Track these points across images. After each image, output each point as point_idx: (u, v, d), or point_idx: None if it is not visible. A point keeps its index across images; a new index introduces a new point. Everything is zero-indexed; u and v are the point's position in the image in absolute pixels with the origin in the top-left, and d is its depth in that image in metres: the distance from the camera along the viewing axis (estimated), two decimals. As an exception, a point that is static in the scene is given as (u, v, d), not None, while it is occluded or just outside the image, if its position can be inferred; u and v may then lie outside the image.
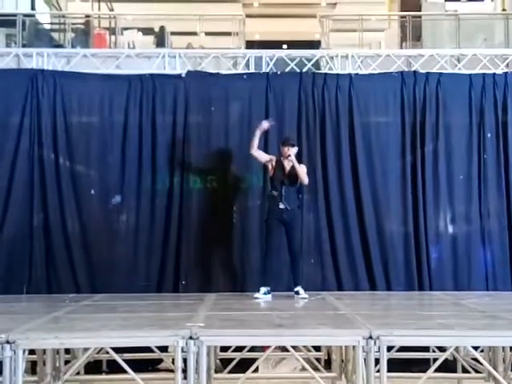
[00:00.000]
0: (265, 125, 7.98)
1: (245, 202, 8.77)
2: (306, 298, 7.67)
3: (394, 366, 6.17)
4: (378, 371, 5.24)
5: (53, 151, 8.69)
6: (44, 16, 14.51)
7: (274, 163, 7.92)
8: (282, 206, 7.77)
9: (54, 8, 16.23)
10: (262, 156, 8.01)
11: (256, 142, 7.87)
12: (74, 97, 8.81)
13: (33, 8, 14.65)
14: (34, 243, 8.53)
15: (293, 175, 7.83)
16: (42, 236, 8.56)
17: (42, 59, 9.15)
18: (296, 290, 7.79)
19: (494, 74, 9.03)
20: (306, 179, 7.90)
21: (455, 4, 17.51)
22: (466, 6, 17.68)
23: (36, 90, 8.71)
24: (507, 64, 9.46)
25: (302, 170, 7.86)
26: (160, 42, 13.58)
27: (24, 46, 10.83)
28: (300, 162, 8.22)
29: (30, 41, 11.77)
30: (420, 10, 16.24)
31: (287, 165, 7.87)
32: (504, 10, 16.91)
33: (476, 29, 14.23)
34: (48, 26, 14.29)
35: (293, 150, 7.85)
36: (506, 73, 9.08)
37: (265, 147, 8.68)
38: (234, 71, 9.39)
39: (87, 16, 14.10)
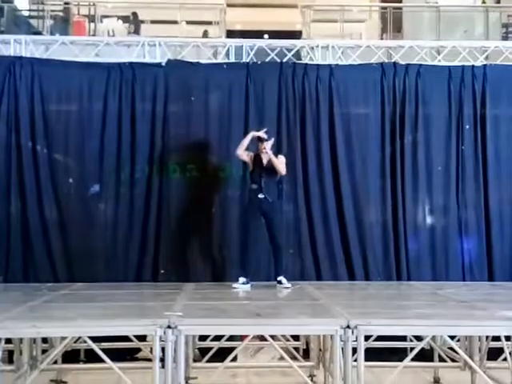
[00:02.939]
0: (260, 133, 7.90)
1: (224, 192, 8.75)
2: (288, 288, 7.68)
3: (372, 355, 6.24)
4: (356, 360, 5.28)
5: (30, 139, 8.59)
6: (22, 2, 14.36)
7: (252, 159, 7.94)
8: (261, 195, 7.78)
9: (32, -6, 16.03)
10: (245, 157, 8.00)
11: (246, 143, 7.87)
12: (53, 85, 8.71)
13: (11, -6, 14.47)
14: (11, 232, 8.44)
15: (270, 168, 7.84)
16: (19, 225, 8.47)
17: (20, 46, 9.02)
18: (279, 279, 7.80)
19: (473, 66, 9.07)
20: (283, 170, 7.91)
21: (436, -4, 17.58)
22: (446, -3, 17.76)
23: (14, 77, 8.59)
24: (486, 56, 9.51)
25: (278, 162, 7.85)
26: (136, 28, 13.52)
27: (2, 32, 10.74)
28: (280, 152, 8.23)
29: (8, 27, 11.67)
30: (401, 1, 16.32)
31: (264, 158, 7.87)
32: (484, 2, 17.03)
33: (456, 21, 14.32)
34: (26, 13, 14.14)
35: (267, 144, 7.84)
36: (484, 65, 9.12)
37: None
38: (214, 61, 9.35)
39: (66, 3, 13.98)
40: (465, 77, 8.96)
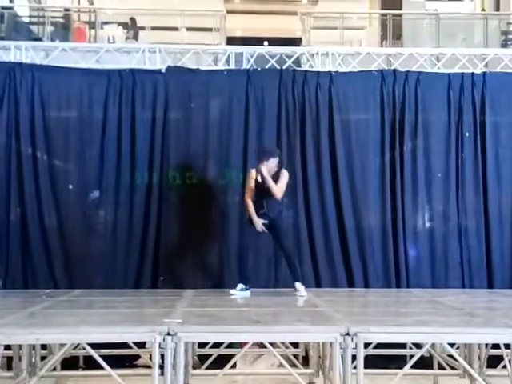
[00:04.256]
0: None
1: (224, 198, 8.76)
2: (304, 296, 7.55)
3: (371, 362, 6.22)
4: (355, 368, 5.27)
5: (30, 145, 8.60)
6: (23, 9, 14.39)
7: (254, 176, 7.76)
8: (261, 211, 7.70)
9: (33, 1, 16.08)
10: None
11: (252, 187, 7.72)
12: (53, 91, 8.72)
13: (11, 0, 14.51)
14: (11, 238, 8.44)
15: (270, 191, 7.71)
16: (18, 231, 8.47)
17: (20, 52, 9.04)
18: (296, 286, 7.68)
19: (473, 73, 9.08)
20: (278, 194, 7.69)
21: (435, 3, 17.67)
22: (445, 5, 17.83)
23: (14, 83, 8.61)
24: (486, 64, 9.54)
25: (273, 186, 7.63)
26: (134, 34, 13.56)
27: (2, 38, 10.76)
28: (280, 160, 8.16)
29: (8, 33, 11.69)
30: (401, 9, 16.36)
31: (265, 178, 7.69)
32: (483, 9, 17.10)
33: (456, 28, 14.37)
34: (27, 19, 14.17)
35: (263, 169, 7.62)
36: (484, 72, 9.13)
37: (244, 146, 8.71)
38: (214, 67, 9.36)
39: (67, 9, 14.03)
40: (464, 84, 8.98)
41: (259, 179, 7.69)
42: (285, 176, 7.84)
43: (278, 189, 7.71)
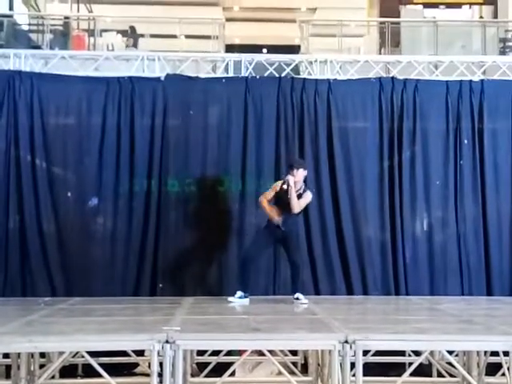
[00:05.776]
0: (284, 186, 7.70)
1: (223, 206, 8.76)
2: (305, 304, 7.58)
3: (370, 370, 6.22)
4: (354, 375, 5.27)
5: (29, 153, 8.62)
6: (22, 17, 14.42)
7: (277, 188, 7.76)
8: (276, 222, 7.71)
9: (32, 9, 16.13)
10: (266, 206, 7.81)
11: (271, 196, 7.76)
12: (52, 99, 8.74)
13: (11, 8, 14.55)
14: (10, 246, 8.45)
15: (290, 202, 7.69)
16: (17, 238, 8.47)
17: (20, 60, 9.07)
18: (296, 296, 7.69)
19: (471, 80, 9.11)
20: (296, 209, 7.70)
21: (434, 11, 17.71)
22: (444, 12, 17.88)
23: (13, 91, 8.63)
24: (484, 71, 9.56)
25: (295, 200, 7.64)
26: (134, 42, 13.60)
27: (1, 46, 10.76)
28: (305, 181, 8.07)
29: (8, 42, 11.71)
30: (399, 17, 16.38)
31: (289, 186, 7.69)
32: (481, 17, 17.15)
33: (454, 36, 14.39)
34: (26, 27, 14.19)
35: (290, 180, 7.63)
36: (482, 80, 9.16)
37: (243, 154, 8.72)
38: (213, 75, 9.38)
39: (66, 17, 14.05)
40: (462, 91, 9.00)
41: (284, 187, 7.67)
42: (307, 197, 7.85)
43: (298, 204, 7.71)
